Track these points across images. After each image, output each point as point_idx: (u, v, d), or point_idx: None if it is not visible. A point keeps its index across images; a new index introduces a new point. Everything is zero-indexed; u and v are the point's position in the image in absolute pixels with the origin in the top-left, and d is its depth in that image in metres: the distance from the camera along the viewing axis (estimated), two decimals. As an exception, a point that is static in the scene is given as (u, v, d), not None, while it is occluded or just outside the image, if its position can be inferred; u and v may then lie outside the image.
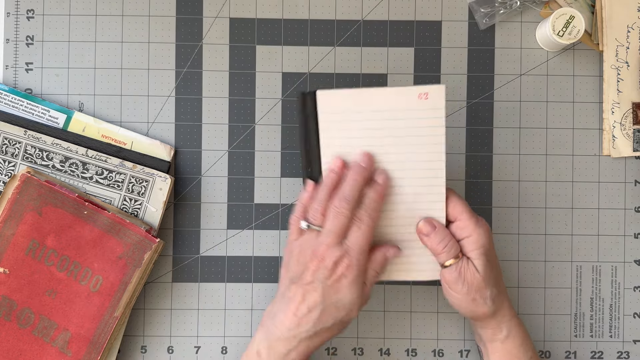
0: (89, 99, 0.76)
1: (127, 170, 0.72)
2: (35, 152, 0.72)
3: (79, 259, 0.71)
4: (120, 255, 0.70)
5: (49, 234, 0.70)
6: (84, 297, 0.70)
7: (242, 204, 0.76)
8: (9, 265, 0.70)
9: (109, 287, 0.70)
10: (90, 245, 0.71)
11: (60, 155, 0.72)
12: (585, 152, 0.76)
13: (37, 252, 0.70)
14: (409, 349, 0.76)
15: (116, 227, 0.70)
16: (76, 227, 0.71)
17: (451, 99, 0.76)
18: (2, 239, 0.70)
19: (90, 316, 0.70)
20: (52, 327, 0.70)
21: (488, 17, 0.76)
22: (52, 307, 0.70)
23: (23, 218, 0.70)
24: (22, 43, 0.76)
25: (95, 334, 0.70)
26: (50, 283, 0.70)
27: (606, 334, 0.76)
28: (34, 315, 0.70)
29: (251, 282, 0.76)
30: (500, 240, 0.76)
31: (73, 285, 0.70)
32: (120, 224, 0.70)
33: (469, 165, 0.76)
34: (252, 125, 0.76)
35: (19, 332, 0.70)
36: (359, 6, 0.76)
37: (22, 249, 0.70)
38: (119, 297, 0.70)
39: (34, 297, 0.70)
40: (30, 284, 0.70)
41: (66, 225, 0.70)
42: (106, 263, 0.71)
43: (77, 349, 0.70)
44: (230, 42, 0.76)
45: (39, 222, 0.70)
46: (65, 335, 0.70)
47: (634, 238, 0.76)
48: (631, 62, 0.75)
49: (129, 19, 0.76)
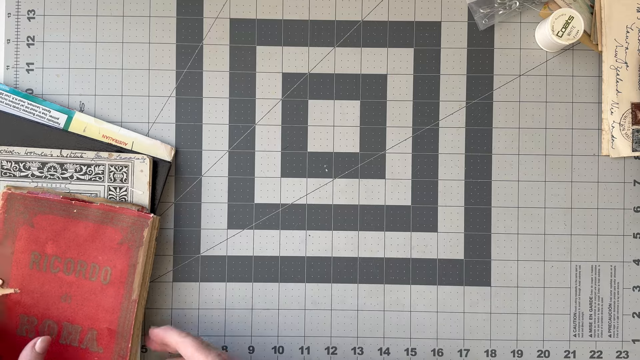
0: (89, 99, 0.76)
1: (105, 161, 0.72)
2: (11, 165, 0.72)
3: (83, 257, 0.71)
4: (120, 241, 0.71)
5: (46, 242, 0.70)
6: (98, 292, 0.71)
7: (242, 204, 0.76)
8: (17, 283, 0.70)
9: (119, 275, 0.71)
10: (89, 240, 0.71)
11: (36, 162, 0.72)
12: (585, 152, 0.76)
13: (41, 263, 0.70)
14: (408, 349, 0.76)
15: (108, 215, 0.71)
16: (70, 227, 0.71)
17: (451, 99, 0.76)
18: (4, 260, 0.70)
19: (110, 308, 0.70)
20: (76, 330, 0.71)
21: (487, 18, 0.76)
22: (71, 312, 0.71)
23: (17, 234, 0.70)
24: (23, 43, 0.76)
25: (120, 323, 0.70)
26: (62, 289, 0.71)
27: (605, 334, 0.76)
28: (56, 325, 0.70)
29: (251, 282, 0.76)
30: (499, 240, 0.76)
31: (84, 284, 0.71)
32: (112, 211, 0.71)
33: (468, 165, 0.76)
34: (252, 125, 0.76)
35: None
36: (359, 7, 0.76)
37: (26, 264, 0.70)
38: (131, 280, 0.70)
39: (51, 307, 0.70)
40: (43, 295, 0.70)
41: (60, 229, 0.71)
42: (110, 253, 0.71)
43: (107, 343, 0.70)
44: (231, 42, 0.76)
45: (33, 234, 0.70)
46: (91, 334, 0.71)
47: (633, 238, 0.76)
48: (630, 63, 0.75)
49: (129, 20, 0.76)
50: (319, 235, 0.76)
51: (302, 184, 0.76)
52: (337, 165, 0.76)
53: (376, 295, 0.76)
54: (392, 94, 0.76)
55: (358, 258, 0.76)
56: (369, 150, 0.76)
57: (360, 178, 0.76)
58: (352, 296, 0.76)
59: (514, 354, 0.76)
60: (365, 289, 0.76)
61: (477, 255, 0.76)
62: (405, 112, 0.76)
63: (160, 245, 0.75)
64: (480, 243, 0.76)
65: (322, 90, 0.76)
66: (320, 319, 0.76)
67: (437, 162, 0.76)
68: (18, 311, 0.70)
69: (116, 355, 0.70)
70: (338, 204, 0.76)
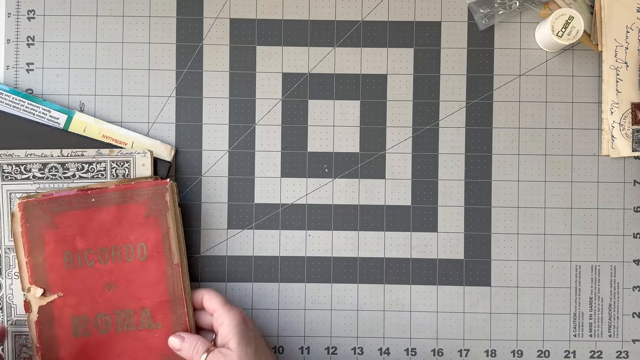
0: (89, 99, 0.76)
1: (106, 157, 0.72)
2: (12, 168, 0.72)
3: (114, 242, 0.70)
4: (146, 214, 0.70)
5: (74, 238, 0.70)
6: (139, 270, 0.70)
7: (242, 204, 0.76)
8: (58, 287, 0.70)
9: (155, 247, 0.70)
10: (116, 224, 0.70)
11: (37, 164, 0.72)
12: (584, 152, 0.76)
13: (75, 261, 0.70)
14: (408, 349, 0.76)
15: (127, 194, 0.70)
16: (94, 217, 0.70)
17: (451, 99, 0.76)
18: (39, 269, 0.69)
19: (155, 281, 0.70)
20: (129, 315, 0.70)
21: (487, 18, 0.76)
22: (118, 299, 0.70)
23: (44, 239, 0.69)
24: (23, 43, 0.76)
25: (169, 291, 0.70)
26: (103, 279, 0.70)
27: (605, 334, 0.76)
28: (108, 316, 0.70)
29: (251, 282, 0.76)
30: (499, 240, 0.76)
31: (123, 267, 0.70)
32: (129, 189, 0.70)
33: (468, 165, 0.76)
34: (252, 125, 0.76)
35: (104, 339, 0.70)
36: (359, 7, 0.77)
37: (61, 266, 0.70)
38: (168, 247, 0.70)
39: (98, 301, 0.70)
40: (87, 292, 0.70)
41: (85, 222, 0.70)
42: (139, 229, 0.70)
43: (163, 316, 0.70)
44: (231, 42, 0.76)
45: (59, 234, 0.70)
46: (145, 313, 0.70)
47: (633, 238, 0.76)
48: (630, 63, 0.75)
49: (129, 20, 0.76)
50: (319, 235, 0.76)
51: (302, 184, 0.76)
52: (337, 165, 0.76)
53: (376, 295, 0.76)
54: (392, 94, 0.76)
55: (358, 258, 0.76)
56: (369, 150, 0.76)
57: (360, 178, 0.76)
58: (352, 296, 0.76)
59: (514, 354, 0.76)
60: (365, 289, 0.76)
61: (477, 255, 0.76)
62: (405, 112, 0.76)
63: (160, 245, 0.75)
64: (480, 243, 0.76)
65: (322, 90, 0.76)
66: (320, 319, 0.76)
67: (437, 162, 0.76)
68: (67, 314, 0.69)
69: (175, 324, 0.70)
70: (338, 204, 0.76)
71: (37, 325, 0.69)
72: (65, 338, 0.70)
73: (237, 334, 0.67)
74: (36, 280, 0.69)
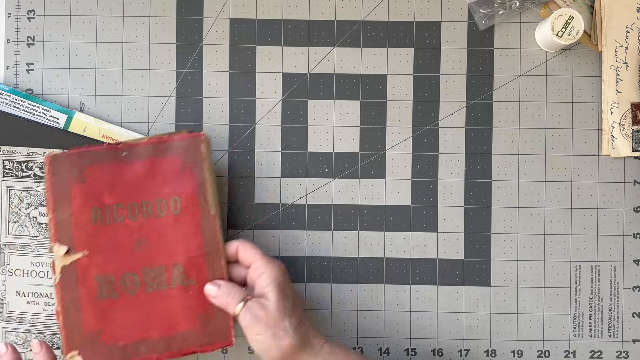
0: (89, 99, 0.76)
1: None
2: (13, 165, 0.72)
3: (145, 197, 0.67)
4: (181, 167, 0.68)
5: (102, 193, 0.67)
6: (171, 225, 0.67)
7: (242, 204, 0.76)
8: (84, 244, 0.66)
9: (189, 200, 0.68)
10: (149, 178, 0.68)
11: (38, 162, 0.72)
12: (584, 152, 0.76)
13: (103, 217, 0.66)
14: (408, 349, 0.76)
15: (160, 147, 0.68)
16: (124, 171, 0.67)
17: (451, 99, 0.76)
18: (63, 226, 0.66)
19: (190, 235, 0.67)
20: (159, 272, 0.67)
21: (487, 18, 0.76)
22: (147, 256, 0.67)
23: (70, 195, 0.66)
24: (23, 43, 0.76)
25: (206, 244, 0.67)
26: (133, 236, 0.67)
27: (605, 334, 0.76)
28: (136, 275, 0.66)
29: (251, 281, 0.76)
30: (499, 240, 0.76)
31: (154, 222, 0.67)
32: (162, 142, 0.68)
33: (468, 165, 0.76)
34: (252, 125, 0.76)
35: (133, 300, 0.66)
36: (359, 7, 0.77)
37: (87, 222, 0.66)
38: (204, 199, 0.68)
39: (127, 259, 0.66)
40: (115, 250, 0.66)
41: (115, 176, 0.67)
42: (173, 182, 0.68)
43: (197, 271, 0.67)
44: (231, 42, 0.76)
45: (87, 189, 0.66)
46: (177, 270, 0.67)
47: (633, 238, 0.76)
48: (630, 63, 0.75)
49: (129, 20, 0.76)
50: (319, 235, 0.76)
51: (302, 184, 0.76)
52: (337, 165, 0.76)
53: (376, 295, 0.76)
54: (392, 94, 0.76)
55: (358, 258, 0.76)
56: (369, 150, 0.76)
57: (360, 178, 0.76)
58: (352, 296, 0.76)
59: (514, 354, 0.76)
60: (365, 289, 0.76)
61: (477, 255, 0.76)
62: (405, 112, 0.76)
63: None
64: (480, 243, 0.76)
65: (322, 90, 0.76)
66: (320, 319, 0.76)
67: (437, 162, 0.76)
68: (92, 274, 0.66)
69: (212, 278, 0.67)
70: (338, 204, 0.76)
71: (58, 288, 0.65)
72: (89, 300, 0.66)
73: (276, 286, 0.65)
74: (60, 238, 0.66)
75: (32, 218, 0.73)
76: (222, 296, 0.66)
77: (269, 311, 0.64)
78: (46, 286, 0.73)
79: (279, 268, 0.66)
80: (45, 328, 0.73)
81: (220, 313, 0.67)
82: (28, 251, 0.73)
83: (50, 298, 0.72)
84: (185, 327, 0.67)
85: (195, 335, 0.67)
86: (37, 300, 0.73)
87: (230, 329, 0.67)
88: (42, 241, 0.73)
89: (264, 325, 0.64)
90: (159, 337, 0.67)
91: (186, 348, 0.67)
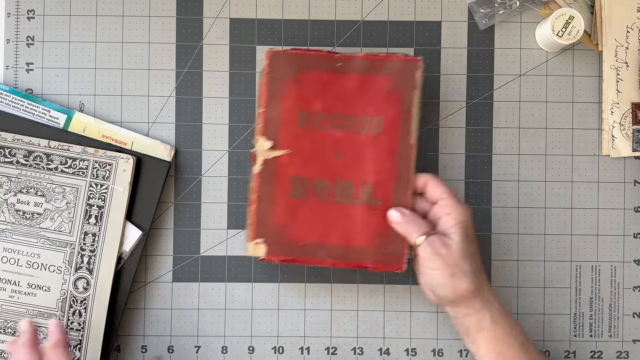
0: (89, 99, 0.76)
1: (90, 156, 0.72)
2: None
3: (351, 111, 0.69)
4: (389, 89, 0.69)
5: (313, 99, 0.69)
6: (369, 144, 0.69)
7: (242, 204, 0.76)
8: (288, 144, 0.69)
9: (391, 123, 0.69)
10: (357, 93, 0.69)
11: (22, 150, 0.72)
12: (585, 152, 0.76)
13: (309, 122, 0.69)
14: (408, 349, 0.76)
15: (374, 65, 0.69)
16: (336, 81, 0.69)
17: (451, 99, 0.76)
18: (272, 123, 0.69)
19: (385, 157, 0.69)
20: (349, 186, 0.69)
21: (488, 18, 0.76)
22: (342, 169, 0.69)
23: (284, 94, 0.69)
24: (23, 43, 0.76)
25: (398, 170, 0.69)
26: (333, 146, 0.69)
27: (605, 334, 0.76)
28: (328, 183, 0.69)
29: (251, 282, 0.76)
30: (499, 240, 0.76)
31: (355, 138, 0.69)
32: (377, 60, 0.69)
33: (469, 165, 0.76)
34: (252, 125, 0.76)
35: (321, 205, 0.69)
36: (359, 6, 0.76)
37: (294, 123, 0.69)
38: (406, 125, 0.69)
39: (322, 167, 0.69)
40: (314, 155, 0.69)
41: (326, 84, 0.69)
42: (379, 103, 0.69)
43: (385, 194, 0.69)
44: (231, 42, 0.76)
45: (299, 92, 0.69)
46: (366, 188, 0.69)
47: (634, 238, 0.76)
48: (630, 63, 0.75)
49: (129, 20, 0.76)
50: (319, 235, 0.76)
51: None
52: (337, 165, 0.76)
53: (376, 295, 0.76)
54: (392, 93, 0.76)
55: (358, 258, 0.76)
56: (369, 150, 0.76)
57: (360, 178, 0.76)
58: (352, 296, 0.76)
59: (514, 354, 0.76)
60: (365, 289, 0.76)
61: (477, 255, 0.76)
62: (405, 112, 0.76)
63: (160, 245, 0.75)
64: (481, 243, 0.76)
65: (322, 90, 0.76)
66: (320, 319, 0.76)
67: (438, 161, 0.76)
68: (289, 173, 0.69)
69: (396, 204, 0.69)
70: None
71: (257, 177, 0.69)
72: (282, 197, 0.69)
73: (462, 228, 0.65)
74: (267, 133, 0.69)
75: (10, 204, 0.72)
76: (405, 224, 0.67)
77: (451, 250, 0.65)
78: (15, 273, 0.72)
79: (468, 211, 0.67)
80: (10, 315, 0.72)
81: (397, 238, 0.68)
82: (1, 237, 0.72)
83: (18, 286, 0.72)
84: (362, 243, 0.69)
85: (371, 253, 0.69)
86: (4, 286, 0.72)
87: (404, 256, 0.69)
88: (18, 228, 0.73)
89: (444, 262, 0.64)
90: (337, 245, 0.69)
91: (360, 261, 0.69)
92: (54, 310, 0.72)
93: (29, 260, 0.72)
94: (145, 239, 0.74)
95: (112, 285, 0.73)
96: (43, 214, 0.73)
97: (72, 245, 0.73)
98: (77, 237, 0.73)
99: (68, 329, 0.72)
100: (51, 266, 0.73)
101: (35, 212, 0.73)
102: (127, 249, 0.74)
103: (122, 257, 0.73)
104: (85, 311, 0.72)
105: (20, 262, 0.72)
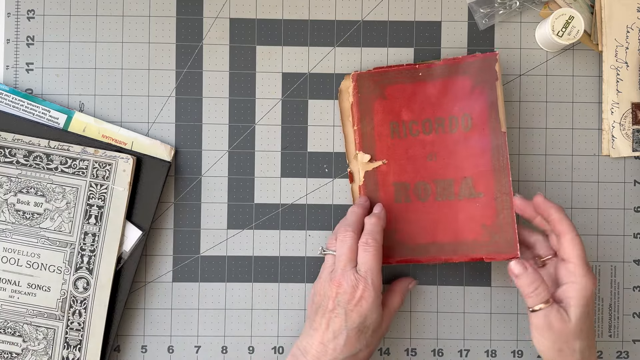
0: (89, 99, 0.76)
1: (90, 156, 0.72)
2: None
3: (439, 114, 0.72)
4: (472, 87, 0.71)
5: (400, 110, 0.73)
6: (462, 141, 0.72)
7: (242, 204, 0.76)
8: (384, 155, 0.73)
9: (480, 117, 0.71)
10: (442, 96, 0.72)
11: (22, 150, 0.72)
12: (585, 152, 0.76)
13: (400, 131, 0.73)
14: (408, 349, 0.76)
15: (452, 67, 0.72)
16: (420, 90, 0.72)
17: (451, 99, 0.76)
18: (367, 137, 0.73)
19: (479, 151, 0.71)
20: (449, 184, 0.72)
21: (487, 18, 0.76)
22: (439, 169, 0.72)
23: (373, 109, 0.73)
24: (23, 43, 0.76)
25: (493, 160, 0.71)
26: (425, 149, 0.72)
27: (605, 334, 0.76)
28: (428, 185, 0.72)
29: (251, 282, 0.76)
30: (499, 240, 0.76)
31: (446, 138, 0.72)
32: (455, 63, 0.72)
33: (469, 165, 0.76)
34: (252, 125, 0.76)
35: (424, 206, 0.72)
36: (359, 6, 0.76)
37: (386, 135, 0.73)
38: (494, 116, 0.71)
39: (419, 170, 0.72)
40: (409, 161, 0.73)
41: (411, 94, 0.73)
42: (464, 101, 0.72)
43: (485, 185, 0.71)
44: (231, 42, 0.76)
45: (387, 106, 0.73)
46: (466, 182, 0.71)
47: (634, 238, 0.76)
48: (630, 63, 0.75)
49: (129, 19, 0.76)
50: (318, 235, 0.76)
51: (302, 184, 0.76)
52: (337, 165, 0.76)
53: (376, 295, 0.76)
54: (392, 93, 0.76)
55: (358, 258, 0.76)
56: (369, 150, 0.76)
57: (360, 178, 0.76)
58: (352, 296, 0.76)
59: (514, 354, 0.76)
60: (365, 289, 0.76)
61: (477, 255, 0.76)
62: (405, 112, 0.76)
63: (160, 245, 0.75)
64: (481, 243, 0.76)
65: (322, 90, 0.76)
66: (320, 319, 0.76)
67: (437, 162, 0.76)
68: (390, 180, 0.73)
69: (498, 193, 0.70)
70: (338, 204, 0.76)
71: (362, 190, 0.73)
72: (387, 203, 0.73)
73: (585, 305, 0.64)
74: (364, 148, 0.73)
75: (10, 204, 0.72)
76: (525, 283, 0.64)
77: (566, 326, 0.63)
78: (15, 273, 0.72)
79: (593, 285, 0.64)
80: (10, 315, 0.72)
81: (506, 227, 0.70)
82: (1, 237, 0.72)
83: (18, 286, 0.72)
84: (470, 236, 0.71)
85: (481, 244, 0.71)
86: (4, 286, 0.72)
87: (516, 243, 0.70)
88: (18, 228, 0.73)
89: (555, 337, 0.63)
90: (446, 242, 0.72)
91: (472, 254, 0.71)
92: (54, 310, 0.72)
93: (29, 260, 0.73)
94: (145, 239, 0.74)
95: (112, 285, 0.73)
96: (43, 214, 0.73)
97: (72, 245, 0.73)
98: (77, 237, 0.73)
99: (68, 329, 0.72)
100: (51, 266, 0.73)
101: (35, 212, 0.73)
102: (127, 249, 0.74)
103: (122, 257, 0.74)
104: (85, 311, 0.72)
105: (20, 262, 0.72)
